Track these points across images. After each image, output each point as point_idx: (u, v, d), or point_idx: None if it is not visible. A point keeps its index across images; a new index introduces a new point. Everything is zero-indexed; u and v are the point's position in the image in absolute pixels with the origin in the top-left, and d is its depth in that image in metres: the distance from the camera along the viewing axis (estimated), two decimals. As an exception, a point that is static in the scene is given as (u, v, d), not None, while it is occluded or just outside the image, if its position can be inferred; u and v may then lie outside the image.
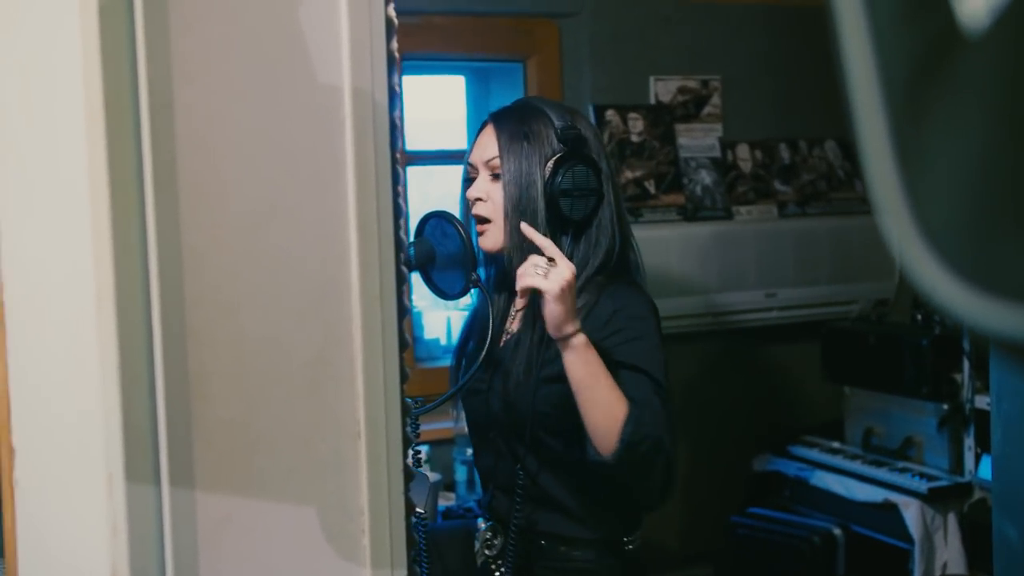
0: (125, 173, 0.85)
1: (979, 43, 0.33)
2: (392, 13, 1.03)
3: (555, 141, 1.83)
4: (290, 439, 0.94)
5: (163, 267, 0.86)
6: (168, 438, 0.86)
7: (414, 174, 3.26)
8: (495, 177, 1.86)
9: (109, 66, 0.84)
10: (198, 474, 0.88)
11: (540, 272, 1.64)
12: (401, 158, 1.09)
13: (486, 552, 1.86)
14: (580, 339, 1.66)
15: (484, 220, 1.88)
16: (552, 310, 1.65)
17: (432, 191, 3.42)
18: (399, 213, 1.06)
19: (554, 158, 1.82)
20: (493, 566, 1.85)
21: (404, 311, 1.05)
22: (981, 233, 0.32)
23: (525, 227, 1.72)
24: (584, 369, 1.67)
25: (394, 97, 1.05)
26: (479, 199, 1.89)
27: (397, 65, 1.07)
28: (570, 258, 1.81)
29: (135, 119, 0.85)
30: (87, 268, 0.84)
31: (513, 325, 1.95)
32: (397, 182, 1.05)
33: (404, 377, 1.04)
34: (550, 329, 1.67)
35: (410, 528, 1.03)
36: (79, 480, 0.87)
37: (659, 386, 1.71)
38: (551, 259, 1.65)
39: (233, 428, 0.90)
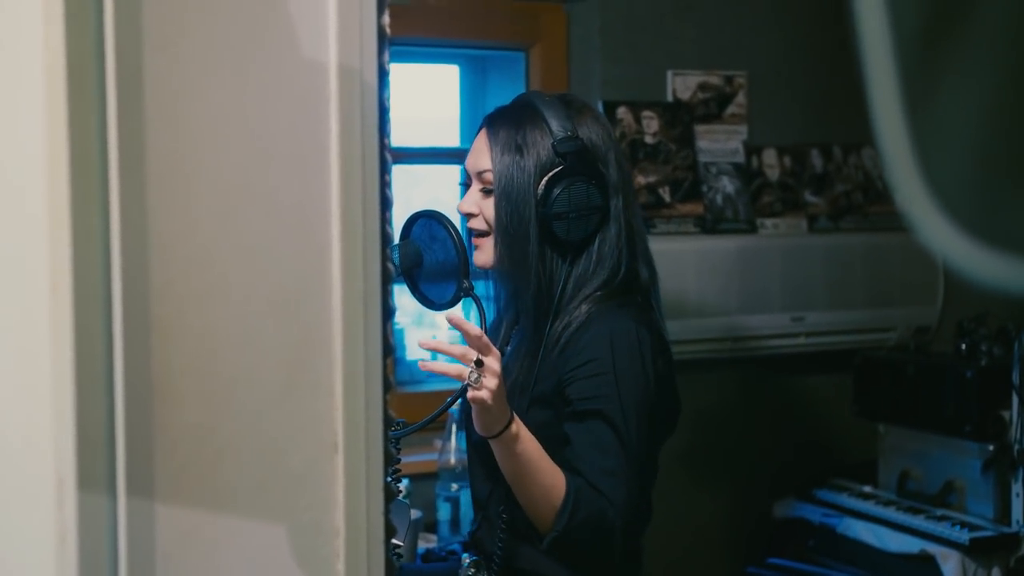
0: (87, 149, 0.87)
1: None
2: (385, -17, 1.06)
3: (553, 154, 1.85)
4: (260, 448, 0.96)
5: (126, 254, 0.88)
6: (126, 442, 0.88)
7: (397, 176, 3.28)
8: (486, 191, 1.90)
9: (73, 29, 0.86)
10: (158, 483, 0.91)
11: (472, 382, 1.70)
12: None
13: (467, 589, 1.89)
14: (510, 433, 1.74)
15: (481, 234, 1.92)
16: (480, 417, 1.74)
17: (418, 196, 3.44)
18: (386, 205, 1.08)
19: (549, 175, 1.84)
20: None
21: (389, 313, 1.07)
22: (987, 188, 0.35)
23: (451, 317, 1.75)
24: (516, 462, 1.76)
25: (384, 77, 1.08)
26: (471, 214, 1.93)
27: (388, 42, 1.10)
28: (567, 278, 1.85)
29: (100, 89, 0.88)
30: (41, 253, 0.87)
31: (509, 343, 1.99)
32: (385, 170, 1.08)
33: (387, 386, 1.07)
34: (478, 430, 1.76)
35: (389, 553, 1.05)
36: (24, 485, 0.89)
37: (617, 433, 1.76)
38: (479, 361, 1.70)
39: (198, 434, 0.92)
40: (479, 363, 1.70)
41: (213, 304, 0.93)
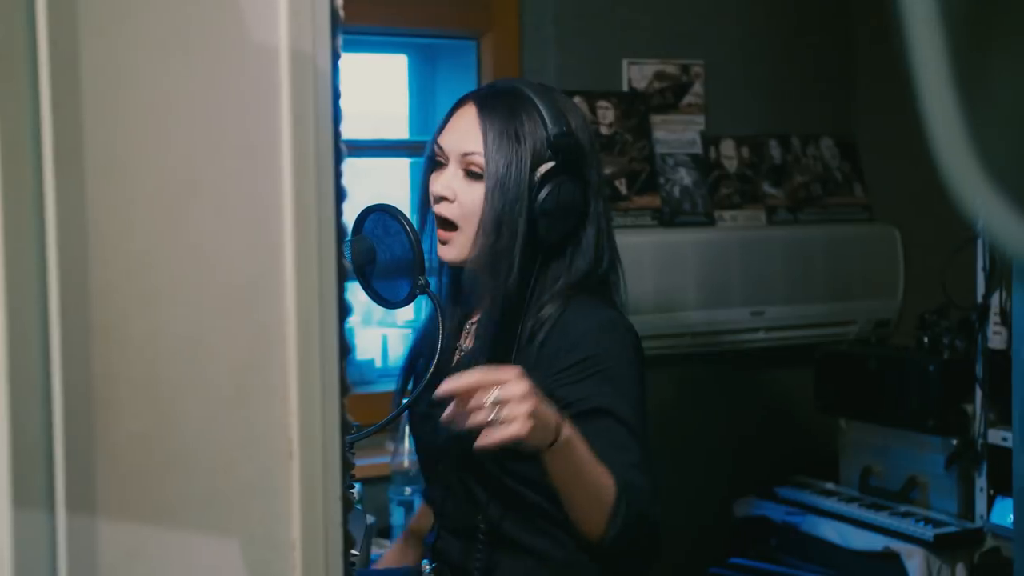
0: (18, 142, 0.83)
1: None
2: (338, -37, 1.02)
3: (545, 148, 1.80)
4: (211, 458, 0.93)
5: (64, 252, 0.85)
6: (66, 455, 0.84)
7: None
8: (470, 175, 1.82)
9: (2, 11, 0.82)
10: (100, 498, 0.87)
11: (501, 420, 1.52)
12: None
13: (426, 601, 1.86)
14: (563, 438, 1.59)
15: (450, 225, 1.85)
16: (534, 439, 1.56)
17: (365, 191, 3.40)
18: (342, 197, 1.05)
19: (543, 170, 1.80)
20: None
21: (346, 311, 1.04)
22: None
23: (439, 392, 1.57)
24: (569, 469, 1.64)
25: (337, 62, 1.04)
26: (445, 198, 1.85)
27: (340, 25, 1.06)
28: (537, 277, 1.81)
29: (32, 77, 0.84)
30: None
31: (467, 341, 1.94)
32: (340, 161, 1.04)
33: (345, 389, 1.03)
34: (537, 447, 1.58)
35: (348, 565, 1.02)
36: (-43, 504, 0.85)
37: (627, 427, 1.72)
38: (495, 400, 1.52)
39: (144, 444, 0.89)
40: (496, 402, 1.52)
41: (158, 306, 0.90)
